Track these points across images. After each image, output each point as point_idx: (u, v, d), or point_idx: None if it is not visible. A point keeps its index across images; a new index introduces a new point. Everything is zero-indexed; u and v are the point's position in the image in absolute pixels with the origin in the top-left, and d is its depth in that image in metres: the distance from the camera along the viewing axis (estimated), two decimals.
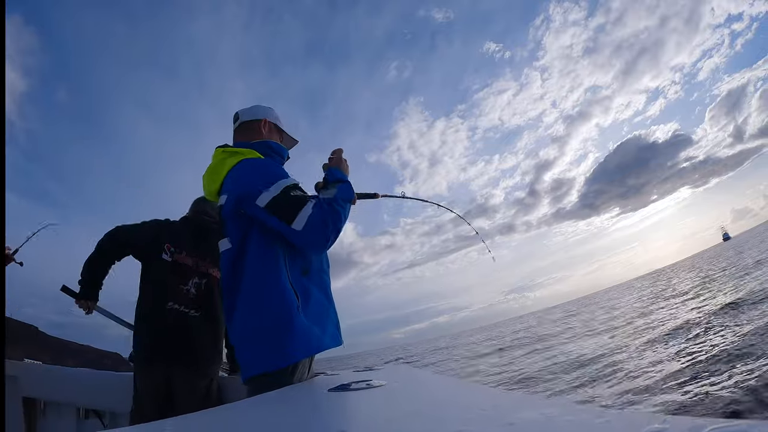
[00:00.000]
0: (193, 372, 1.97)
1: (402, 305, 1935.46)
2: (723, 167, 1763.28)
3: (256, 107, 1.53)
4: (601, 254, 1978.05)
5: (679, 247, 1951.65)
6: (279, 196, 1.17)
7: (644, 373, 5.91)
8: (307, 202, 1.17)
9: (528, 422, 0.41)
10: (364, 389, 0.79)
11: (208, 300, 2.08)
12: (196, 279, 2.08)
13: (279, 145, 1.48)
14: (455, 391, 0.81)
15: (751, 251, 24.16)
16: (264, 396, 0.90)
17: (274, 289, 1.16)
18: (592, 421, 0.39)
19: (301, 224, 1.14)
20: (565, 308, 53.32)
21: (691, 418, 0.36)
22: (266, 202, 1.17)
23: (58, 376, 2.49)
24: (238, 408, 0.80)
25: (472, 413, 0.52)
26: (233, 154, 1.33)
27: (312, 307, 1.22)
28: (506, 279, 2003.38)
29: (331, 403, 0.74)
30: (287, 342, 1.12)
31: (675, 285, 21.81)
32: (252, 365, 1.15)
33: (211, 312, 2.07)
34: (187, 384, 1.94)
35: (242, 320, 1.19)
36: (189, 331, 1.98)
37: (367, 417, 0.60)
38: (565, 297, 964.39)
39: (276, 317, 1.14)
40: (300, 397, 0.89)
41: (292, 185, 1.22)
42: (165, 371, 1.94)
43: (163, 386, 1.92)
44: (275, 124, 1.54)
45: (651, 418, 0.36)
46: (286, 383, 1.10)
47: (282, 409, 0.78)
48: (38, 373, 2.51)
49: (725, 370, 4.83)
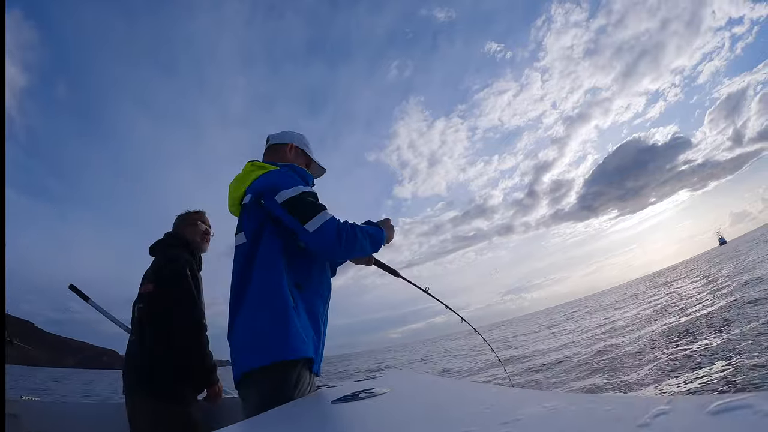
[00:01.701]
0: (149, 401, 1.82)
1: (399, 305, 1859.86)
2: (722, 170, 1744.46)
3: (287, 132, 1.64)
4: (599, 256, 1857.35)
5: (676, 249, 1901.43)
6: (297, 197, 1.24)
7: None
8: (325, 210, 1.24)
9: (533, 416, 0.41)
10: (368, 398, 0.78)
11: (144, 320, 1.93)
12: (140, 303, 1.98)
13: (303, 170, 1.53)
14: (458, 392, 0.81)
15: (727, 263, 24.18)
16: (264, 416, 0.88)
17: (276, 287, 1.20)
18: (597, 408, 0.39)
19: (314, 227, 1.19)
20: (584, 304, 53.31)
21: (695, 397, 0.36)
22: (284, 199, 1.24)
23: (58, 412, 2.51)
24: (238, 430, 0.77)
25: (477, 412, 0.52)
26: (261, 168, 1.42)
27: (301, 318, 1.23)
28: (504, 280, 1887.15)
29: (337, 415, 0.73)
30: (286, 334, 1.14)
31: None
32: (252, 360, 1.14)
33: (146, 331, 1.90)
34: (144, 415, 1.82)
35: (246, 317, 1.20)
36: (133, 358, 1.92)
37: (375, 426, 0.59)
38: (563, 298, 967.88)
39: (277, 312, 1.16)
40: (303, 411, 0.87)
41: (311, 193, 1.29)
42: (131, 402, 1.89)
43: (133, 418, 1.87)
44: (302, 150, 1.63)
45: (655, 401, 0.36)
46: (287, 379, 1.10)
47: (286, 426, 0.76)
48: (38, 410, 2.51)
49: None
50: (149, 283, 1.98)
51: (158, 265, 2.02)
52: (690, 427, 0.36)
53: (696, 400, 0.36)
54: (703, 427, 0.36)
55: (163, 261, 2.02)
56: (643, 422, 0.36)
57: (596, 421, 0.36)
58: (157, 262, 2.05)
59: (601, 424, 0.36)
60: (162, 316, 1.89)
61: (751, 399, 0.35)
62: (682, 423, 0.36)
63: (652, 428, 0.36)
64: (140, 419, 1.83)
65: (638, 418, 0.36)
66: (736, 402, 0.36)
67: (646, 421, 0.36)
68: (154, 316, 1.91)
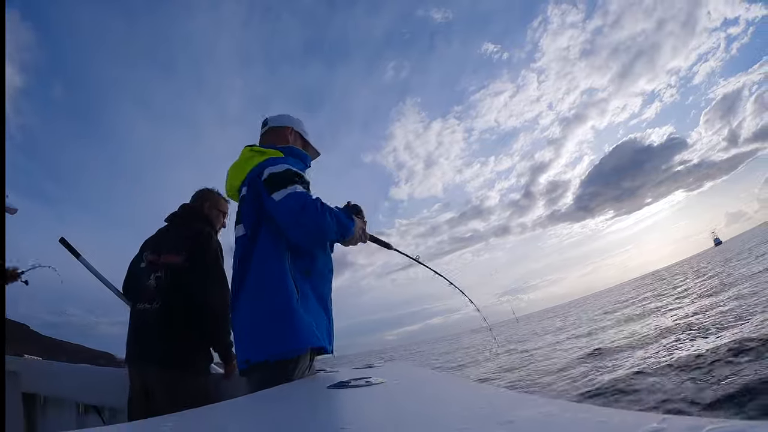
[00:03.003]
0: (166, 370, 1.84)
1: (395, 307, 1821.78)
2: (717, 171, 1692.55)
3: (285, 116, 1.63)
4: (595, 257, 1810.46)
5: (672, 250, 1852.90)
6: (278, 172, 1.23)
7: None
8: (298, 183, 1.21)
9: (527, 420, 0.41)
10: (364, 386, 0.79)
11: (168, 290, 1.92)
12: (158, 272, 1.97)
13: (302, 151, 1.54)
14: (454, 390, 0.81)
15: (710, 266, 23.03)
16: (263, 393, 0.90)
17: (277, 279, 1.19)
18: (589, 419, 0.39)
19: (280, 196, 1.18)
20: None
21: (688, 418, 0.36)
22: (266, 176, 1.24)
23: (57, 372, 2.52)
24: (236, 405, 0.80)
25: (471, 411, 0.52)
26: (261, 153, 1.40)
27: (308, 306, 1.23)
28: (500, 281, 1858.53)
29: (331, 400, 0.75)
30: (288, 330, 1.14)
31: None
32: (252, 353, 1.16)
33: (170, 301, 1.90)
34: (161, 383, 1.83)
35: (245, 308, 1.21)
36: (149, 327, 1.89)
37: (367, 414, 0.60)
38: (559, 299, 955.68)
39: (278, 305, 1.16)
40: (299, 393, 0.89)
41: (295, 172, 1.26)
42: (140, 372, 1.90)
43: (144, 387, 1.87)
44: (300, 134, 1.63)
45: (648, 418, 0.36)
46: (286, 374, 1.11)
47: (281, 405, 0.78)
48: (38, 369, 2.53)
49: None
50: (173, 253, 1.99)
51: (187, 237, 2.03)
52: None
53: (689, 422, 0.36)
54: None
55: (193, 234, 2.04)
56: None
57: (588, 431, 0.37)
58: (184, 234, 2.05)
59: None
60: (194, 288, 1.92)
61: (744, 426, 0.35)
62: None
63: None
64: (157, 388, 1.83)
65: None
66: (729, 428, 0.36)
67: None
68: (183, 287, 1.92)
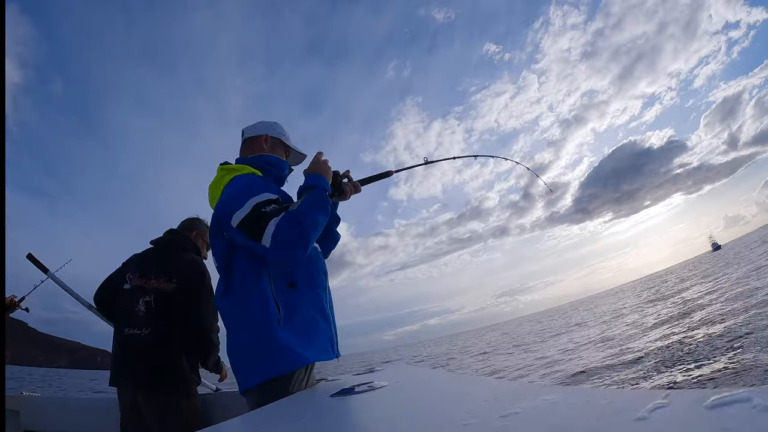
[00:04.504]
0: (154, 392, 1.89)
1: (394, 307, 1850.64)
2: (716, 174, 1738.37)
3: (260, 123, 1.56)
4: (593, 259, 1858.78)
5: (670, 253, 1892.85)
6: (249, 215, 1.15)
7: None
8: (272, 218, 1.14)
9: (532, 409, 0.41)
10: (367, 392, 0.78)
11: (158, 316, 1.98)
12: (146, 297, 2.01)
13: (276, 158, 1.49)
14: (456, 386, 0.81)
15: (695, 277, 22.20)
16: (263, 409, 0.88)
17: (255, 305, 1.18)
18: (595, 402, 0.39)
19: (268, 241, 1.11)
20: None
21: (693, 391, 0.36)
22: (237, 222, 1.17)
23: (56, 406, 2.56)
24: (233, 426, 0.77)
25: (475, 406, 0.52)
26: (229, 171, 1.36)
27: (298, 321, 1.21)
28: (498, 282, 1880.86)
29: (335, 408, 0.73)
30: (270, 360, 1.13)
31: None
32: (244, 378, 1.17)
33: (160, 327, 1.96)
34: (151, 405, 1.87)
35: (229, 336, 1.23)
36: (140, 351, 1.93)
37: (373, 419, 0.59)
38: (557, 301, 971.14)
39: (255, 332, 1.15)
40: (301, 406, 0.88)
41: (265, 201, 1.18)
42: (130, 395, 1.93)
43: (133, 410, 1.91)
44: (279, 140, 1.55)
45: (653, 395, 0.36)
46: (283, 392, 1.09)
47: (284, 420, 0.76)
48: (37, 406, 2.55)
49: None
50: (163, 279, 2.04)
51: (178, 264, 2.10)
52: (688, 421, 0.36)
53: (693, 395, 0.36)
54: (701, 421, 0.36)
55: (186, 262, 2.13)
56: (641, 416, 0.36)
57: (595, 414, 0.36)
58: (173, 260, 2.12)
59: (600, 417, 0.36)
60: (187, 313, 2.01)
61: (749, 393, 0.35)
62: (680, 417, 0.36)
63: (650, 422, 0.36)
64: (148, 410, 1.88)
65: (636, 411, 0.36)
66: (733, 396, 0.36)
67: (643, 414, 0.36)
68: (175, 314, 1.99)
